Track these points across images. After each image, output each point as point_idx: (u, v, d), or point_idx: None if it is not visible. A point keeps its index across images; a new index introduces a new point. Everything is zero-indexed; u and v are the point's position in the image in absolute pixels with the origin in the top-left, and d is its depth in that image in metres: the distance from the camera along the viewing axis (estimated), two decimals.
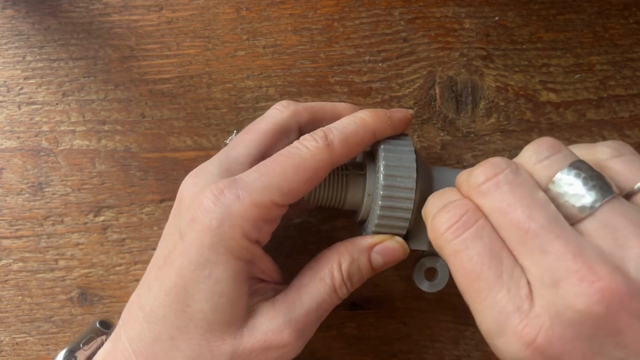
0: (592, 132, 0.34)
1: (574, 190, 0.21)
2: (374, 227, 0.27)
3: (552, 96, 0.34)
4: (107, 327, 0.29)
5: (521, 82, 0.34)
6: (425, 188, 0.27)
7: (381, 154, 0.27)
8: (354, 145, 0.26)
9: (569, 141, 0.34)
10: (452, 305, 0.34)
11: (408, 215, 0.26)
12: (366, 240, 0.26)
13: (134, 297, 0.27)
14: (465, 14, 0.34)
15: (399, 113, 0.28)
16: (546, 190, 0.21)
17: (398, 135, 0.28)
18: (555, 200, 0.21)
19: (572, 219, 0.21)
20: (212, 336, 0.24)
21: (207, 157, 0.34)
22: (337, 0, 0.35)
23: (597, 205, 0.20)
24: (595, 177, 0.21)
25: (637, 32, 0.34)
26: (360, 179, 0.28)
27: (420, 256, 0.30)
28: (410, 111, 0.29)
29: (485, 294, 0.21)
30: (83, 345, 0.28)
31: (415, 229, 0.27)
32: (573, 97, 0.34)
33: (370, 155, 0.29)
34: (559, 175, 0.21)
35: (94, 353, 0.27)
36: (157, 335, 0.24)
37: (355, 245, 0.26)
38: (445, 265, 0.28)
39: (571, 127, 0.34)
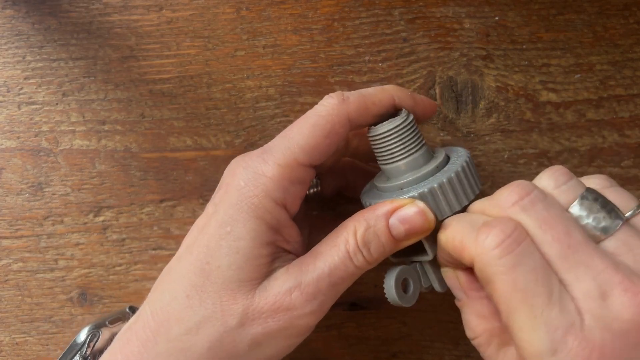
0: (592, 132, 0.34)
1: (594, 213, 0.22)
2: (424, 189, 0.25)
3: (552, 96, 0.34)
4: (136, 312, 0.29)
5: (521, 82, 0.34)
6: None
7: (466, 153, 0.27)
8: (371, 103, 0.26)
9: (569, 141, 0.34)
10: (452, 305, 0.34)
11: (458, 207, 0.26)
12: (385, 206, 0.25)
13: (164, 268, 0.27)
14: (465, 14, 0.34)
15: (424, 96, 0.29)
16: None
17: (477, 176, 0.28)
18: (577, 222, 0.22)
19: (595, 239, 0.22)
20: (225, 294, 0.24)
21: (207, 157, 0.35)
22: (337, 0, 0.35)
23: (617, 226, 0.22)
24: (607, 202, 0.23)
25: (637, 32, 0.34)
26: (431, 154, 0.28)
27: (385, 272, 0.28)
28: (435, 103, 0.30)
29: (539, 311, 0.21)
30: (109, 323, 0.28)
31: (432, 234, 0.26)
32: (573, 97, 0.34)
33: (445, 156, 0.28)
34: (579, 200, 0.23)
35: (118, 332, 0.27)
36: (174, 294, 0.25)
37: (373, 211, 0.25)
38: (417, 276, 0.27)
39: (571, 127, 0.34)
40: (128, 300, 0.34)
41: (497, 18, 0.34)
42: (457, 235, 0.24)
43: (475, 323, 0.26)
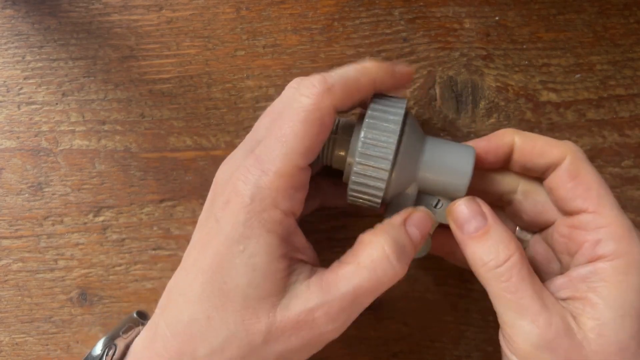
0: (592, 132, 0.34)
1: None
2: (348, 198, 0.27)
3: (553, 96, 0.34)
4: (144, 317, 0.29)
5: (521, 82, 0.34)
6: (410, 160, 0.27)
7: (362, 130, 0.26)
8: (355, 90, 0.25)
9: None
10: (453, 305, 0.34)
11: (380, 193, 0.26)
12: (398, 218, 0.26)
13: (171, 284, 0.27)
14: (465, 13, 0.34)
15: (401, 66, 0.28)
16: None
17: (395, 98, 0.27)
18: None
19: None
20: (247, 313, 0.24)
21: (207, 157, 0.34)
22: (337, 0, 0.35)
23: None
24: None
25: (637, 32, 0.34)
26: (345, 144, 0.27)
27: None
28: (412, 68, 0.30)
29: None
30: (122, 333, 0.28)
31: (394, 200, 0.27)
32: (573, 97, 0.34)
33: (360, 117, 0.28)
34: None
35: (132, 342, 0.27)
36: (194, 316, 0.24)
37: (391, 224, 0.26)
38: (429, 238, 0.28)
39: (571, 127, 0.34)
40: (128, 300, 0.34)
41: (497, 18, 0.34)
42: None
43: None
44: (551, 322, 0.23)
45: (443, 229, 0.28)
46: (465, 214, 0.26)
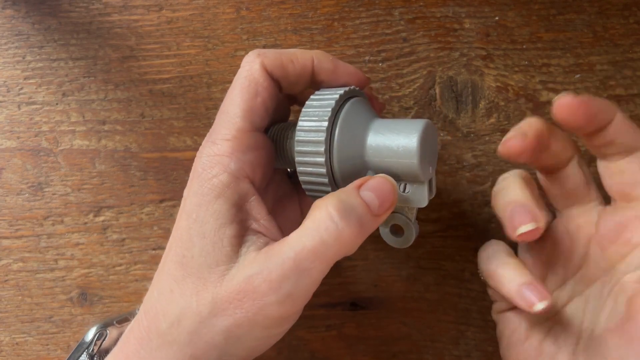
0: None
1: None
2: (307, 194, 0.27)
3: (552, 96, 0.34)
4: None
5: (521, 82, 0.34)
6: (353, 145, 0.26)
7: (296, 130, 0.26)
8: (288, 61, 0.27)
9: None
10: (453, 305, 0.34)
11: (325, 179, 0.26)
12: (352, 184, 0.25)
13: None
14: (465, 13, 0.34)
15: (346, 64, 0.28)
16: None
17: (336, 88, 0.27)
18: None
19: None
20: (200, 283, 0.24)
21: None
22: (337, 0, 0.35)
23: None
24: None
25: (637, 32, 0.34)
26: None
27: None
28: (364, 75, 0.29)
29: None
30: (117, 323, 0.28)
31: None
32: None
33: None
34: None
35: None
36: (160, 291, 0.25)
37: (342, 189, 0.24)
38: (411, 224, 0.27)
39: None
40: (128, 300, 0.34)
41: (497, 18, 0.34)
42: None
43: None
44: None
45: None
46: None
